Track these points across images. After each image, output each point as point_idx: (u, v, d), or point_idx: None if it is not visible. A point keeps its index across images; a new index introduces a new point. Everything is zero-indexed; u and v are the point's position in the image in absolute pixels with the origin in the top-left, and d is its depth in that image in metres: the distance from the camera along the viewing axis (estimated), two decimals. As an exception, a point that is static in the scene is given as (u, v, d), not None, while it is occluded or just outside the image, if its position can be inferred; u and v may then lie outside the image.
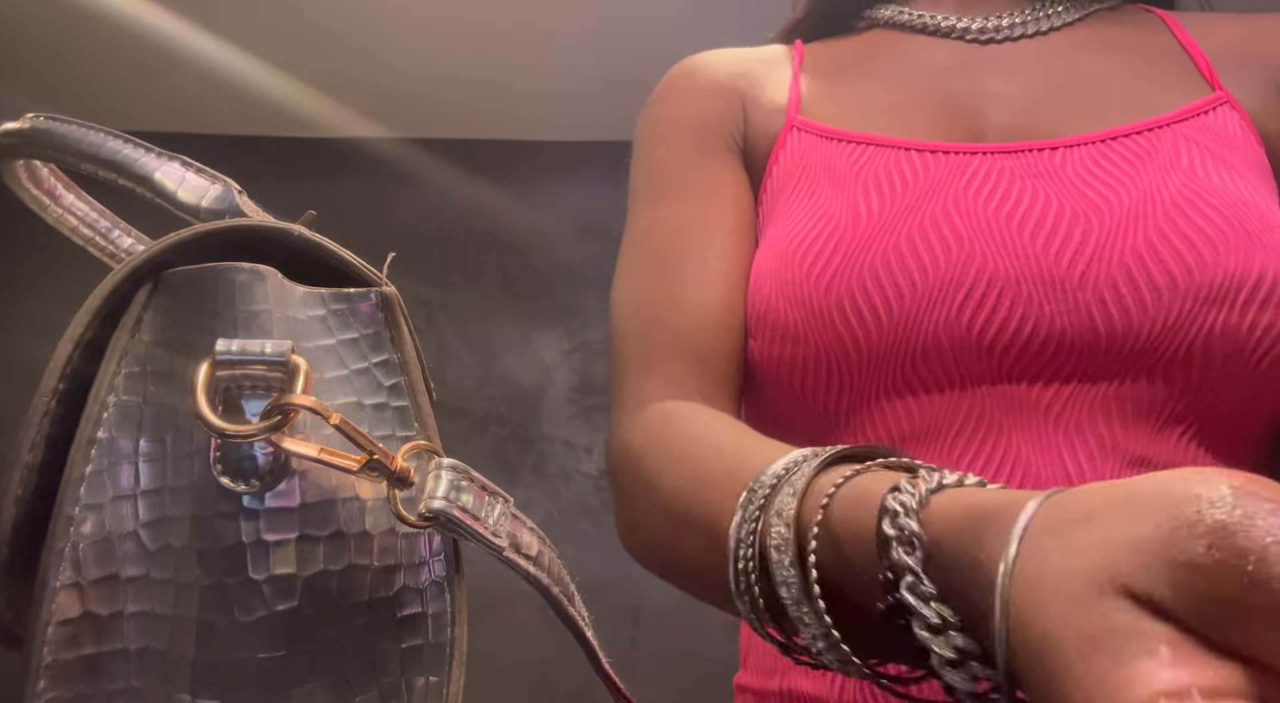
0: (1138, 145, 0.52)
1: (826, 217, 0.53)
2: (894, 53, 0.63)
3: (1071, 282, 0.47)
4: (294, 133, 2.08)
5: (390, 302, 0.39)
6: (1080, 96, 0.56)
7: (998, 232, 0.49)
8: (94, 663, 0.34)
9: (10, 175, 0.43)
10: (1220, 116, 0.53)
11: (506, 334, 2.03)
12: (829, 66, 0.65)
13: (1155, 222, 0.47)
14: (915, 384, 0.49)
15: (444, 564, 0.38)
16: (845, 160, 0.56)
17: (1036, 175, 0.51)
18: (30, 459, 0.35)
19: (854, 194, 0.53)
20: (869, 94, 0.61)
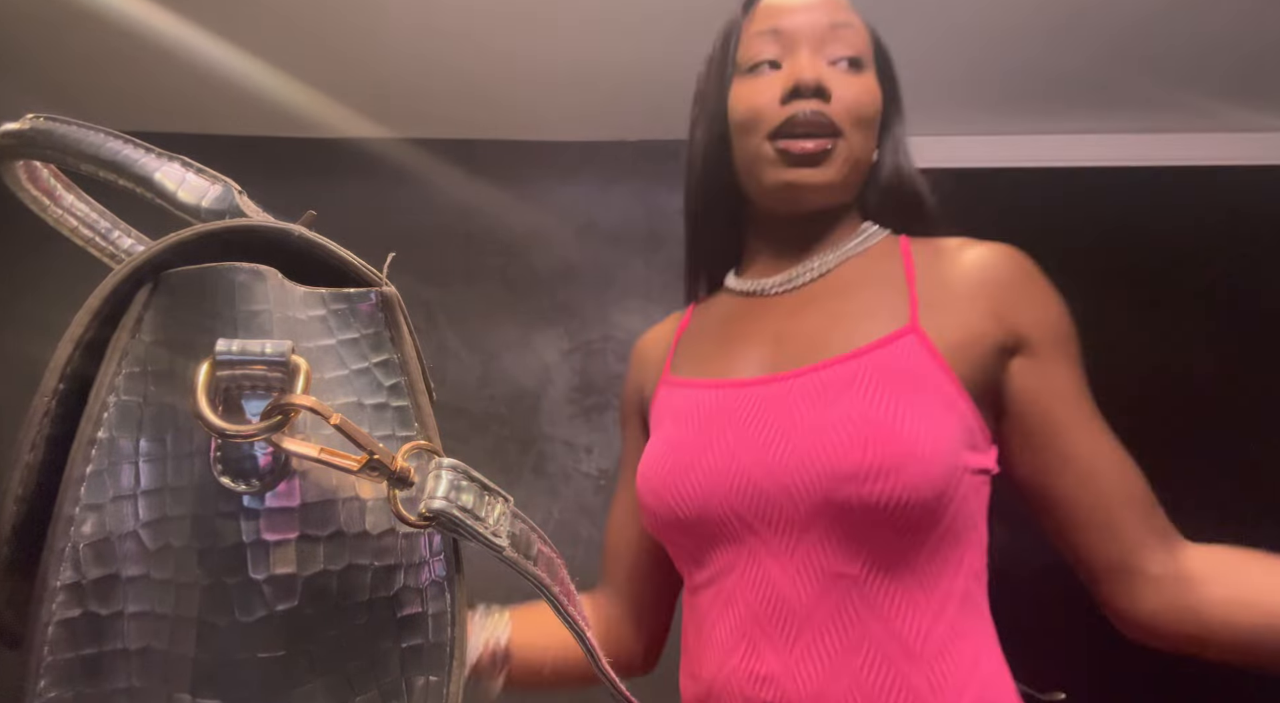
0: (832, 374, 0.72)
1: (660, 441, 0.80)
2: (722, 312, 0.87)
3: (776, 475, 0.71)
4: (294, 133, 2.08)
5: (390, 302, 0.39)
6: (814, 335, 0.76)
7: (743, 449, 0.73)
8: (94, 663, 0.34)
9: (10, 176, 0.43)
10: (903, 346, 0.72)
11: (506, 334, 2.03)
12: (695, 327, 0.89)
13: (829, 432, 0.69)
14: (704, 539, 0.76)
15: (444, 564, 0.38)
16: (678, 401, 0.82)
17: (772, 400, 0.74)
18: (31, 459, 0.35)
19: (676, 424, 0.80)
20: (703, 347, 0.85)
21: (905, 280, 0.77)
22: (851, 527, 0.68)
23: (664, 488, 0.76)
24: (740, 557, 0.73)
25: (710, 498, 0.74)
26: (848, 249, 0.82)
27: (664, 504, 0.76)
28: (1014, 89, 2.01)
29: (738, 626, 0.72)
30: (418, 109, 2.03)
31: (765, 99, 0.79)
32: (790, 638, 0.69)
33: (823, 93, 0.77)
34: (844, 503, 0.68)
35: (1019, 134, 2.18)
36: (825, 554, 0.69)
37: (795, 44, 0.80)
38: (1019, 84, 1.99)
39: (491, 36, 1.79)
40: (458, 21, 1.74)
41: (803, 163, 0.77)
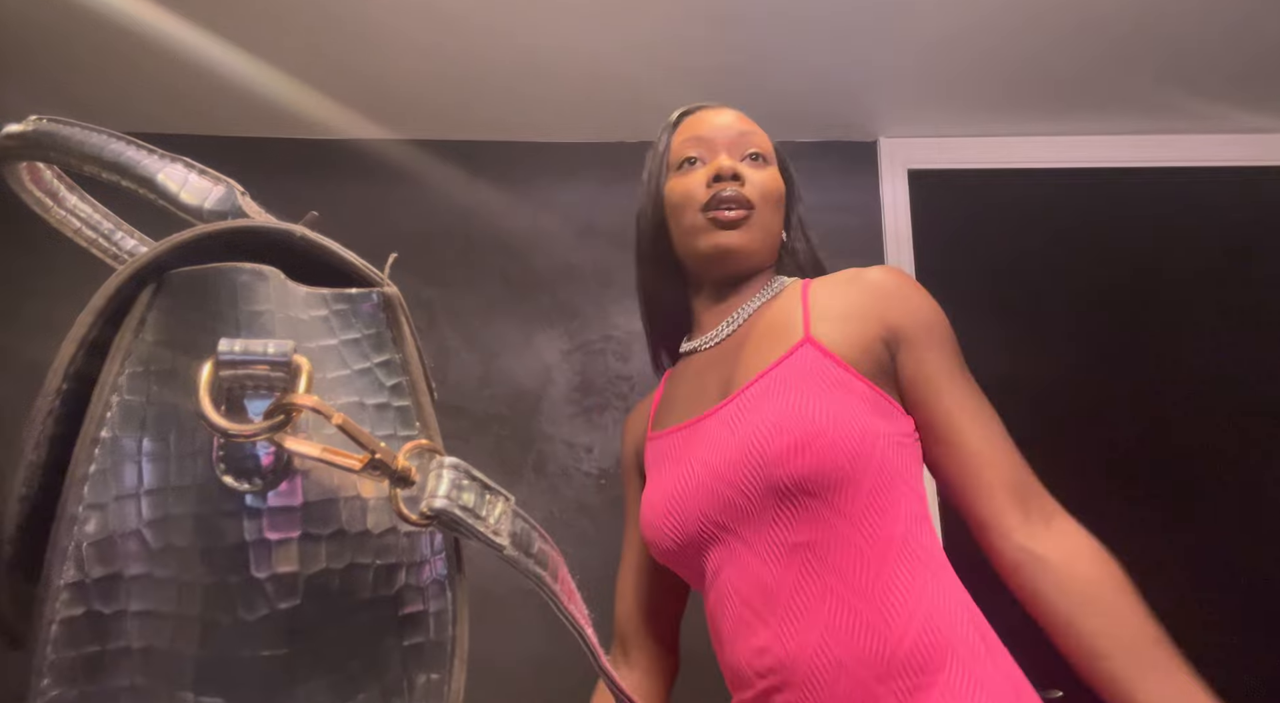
0: (751, 393, 0.90)
1: (651, 486, 0.98)
2: (683, 372, 1.05)
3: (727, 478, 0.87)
4: (296, 134, 2.08)
5: (392, 302, 0.40)
6: (737, 369, 0.95)
7: (700, 469, 0.91)
8: (97, 661, 0.34)
9: (13, 177, 0.44)
10: (800, 355, 0.90)
11: (507, 334, 2.03)
12: (668, 390, 1.08)
13: (752, 432, 0.86)
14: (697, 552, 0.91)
15: (445, 563, 0.38)
16: (659, 450, 1.01)
17: (712, 427, 0.93)
18: (34, 458, 0.35)
19: (659, 468, 0.98)
20: (673, 403, 1.04)
21: (802, 308, 0.95)
22: (793, 501, 0.84)
23: (659, 520, 0.93)
24: (725, 556, 0.89)
25: (689, 516, 0.90)
26: (761, 298, 1.01)
27: (662, 535, 0.93)
28: (1014, 90, 2.01)
29: (735, 612, 0.87)
30: (419, 110, 2.03)
31: (695, 184, 1.00)
32: (772, 609, 0.84)
33: (739, 177, 0.98)
34: (780, 483, 0.84)
35: (1019, 135, 2.18)
36: (781, 530, 0.85)
37: (714, 146, 1.02)
38: (1019, 85, 1.99)
39: (492, 38, 1.79)
40: (459, 23, 1.74)
41: (727, 227, 0.97)
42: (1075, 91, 2.01)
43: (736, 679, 0.88)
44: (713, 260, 0.99)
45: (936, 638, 0.79)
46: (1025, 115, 2.11)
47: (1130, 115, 2.11)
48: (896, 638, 0.79)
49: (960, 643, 0.80)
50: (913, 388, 0.90)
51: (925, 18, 1.77)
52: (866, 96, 2.03)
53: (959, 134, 2.16)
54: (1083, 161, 2.17)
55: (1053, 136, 2.17)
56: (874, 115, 2.09)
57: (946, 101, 2.05)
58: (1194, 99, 2.04)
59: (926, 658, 0.79)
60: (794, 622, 0.82)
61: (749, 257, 0.99)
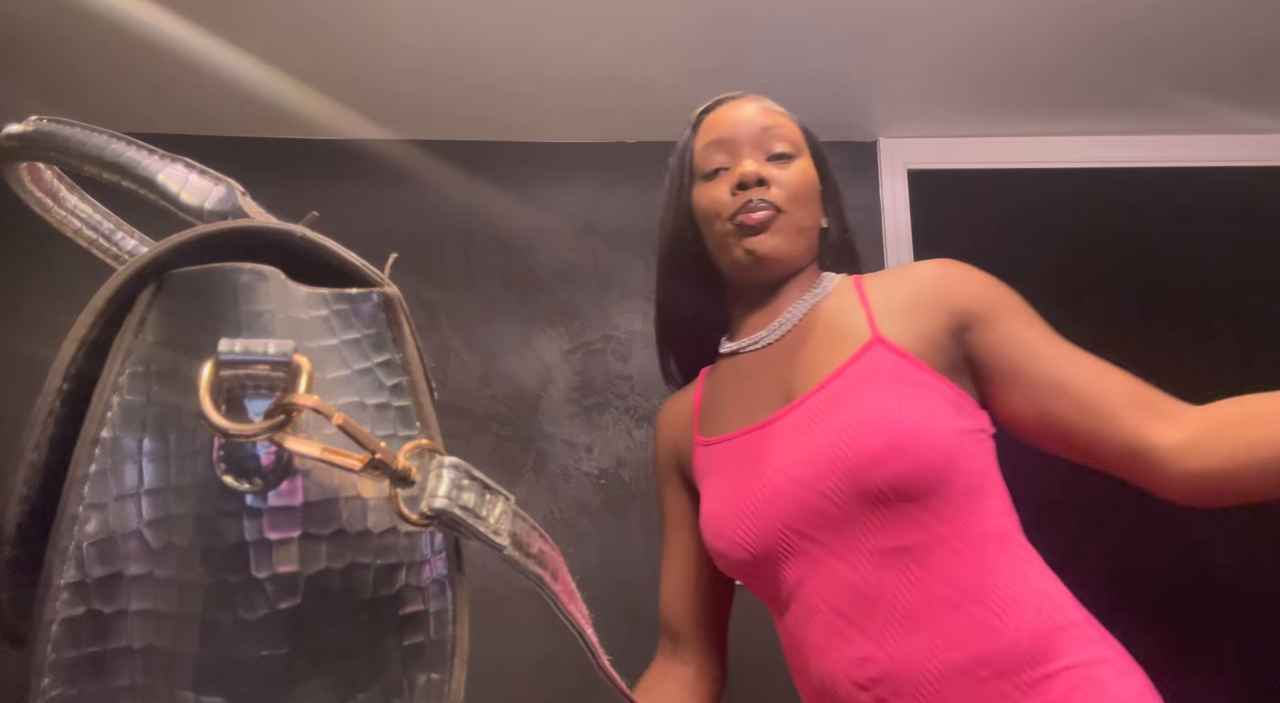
0: (824, 394, 0.88)
1: (713, 495, 0.94)
2: (728, 374, 1.02)
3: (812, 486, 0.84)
4: (297, 135, 2.08)
5: (392, 302, 0.40)
6: (802, 371, 0.92)
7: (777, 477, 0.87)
8: (98, 661, 0.34)
9: (13, 178, 0.44)
10: (872, 356, 0.87)
11: (507, 334, 2.03)
12: (709, 392, 1.04)
13: (837, 437, 0.84)
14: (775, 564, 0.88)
15: (445, 562, 0.38)
16: (715, 457, 0.97)
17: (784, 432, 0.89)
18: (35, 458, 0.35)
19: (720, 476, 0.95)
20: (722, 407, 1.00)
21: (862, 307, 0.93)
22: (886, 506, 0.82)
23: (731, 531, 0.90)
24: (808, 566, 0.86)
25: (768, 526, 0.87)
26: (811, 297, 0.98)
27: (734, 546, 0.90)
28: (1014, 90, 2.01)
29: (826, 624, 0.84)
30: (419, 111, 2.03)
31: (720, 193, 0.98)
32: (870, 618, 0.81)
33: (764, 182, 0.95)
34: (872, 488, 0.81)
35: (1019, 135, 2.18)
36: (874, 536, 0.82)
37: (737, 147, 0.99)
38: (1019, 85, 1.99)
39: (493, 39, 1.79)
40: (459, 23, 1.74)
41: (755, 231, 0.95)
42: (1075, 92, 2.01)
43: (830, 694, 0.84)
44: (747, 267, 0.97)
45: (1051, 625, 0.79)
46: (1025, 116, 2.11)
47: (1130, 116, 2.11)
48: (1013, 633, 0.78)
49: (1071, 626, 0.80)
50: (1003, 360, 0.87)
51: (925, 18, 1.77)
52: (866, 97, 2.03)
53: (959, 134, 2.16)
54: (1082, 162, 2.17)
55: (1052, 137, 2.17)
56: (874, 115, 2.09)
57: (946, 102, 2.05)
58: (1194, 99, 2.04)
59: (1046, 647, 0.78)
60: (898, 629, 0.80)
61: (782, 259, 0.96)
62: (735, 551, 0.90)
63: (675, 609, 1.06)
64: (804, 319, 0.97)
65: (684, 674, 1.04)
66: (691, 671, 1.04)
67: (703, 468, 0.99)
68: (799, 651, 0.88)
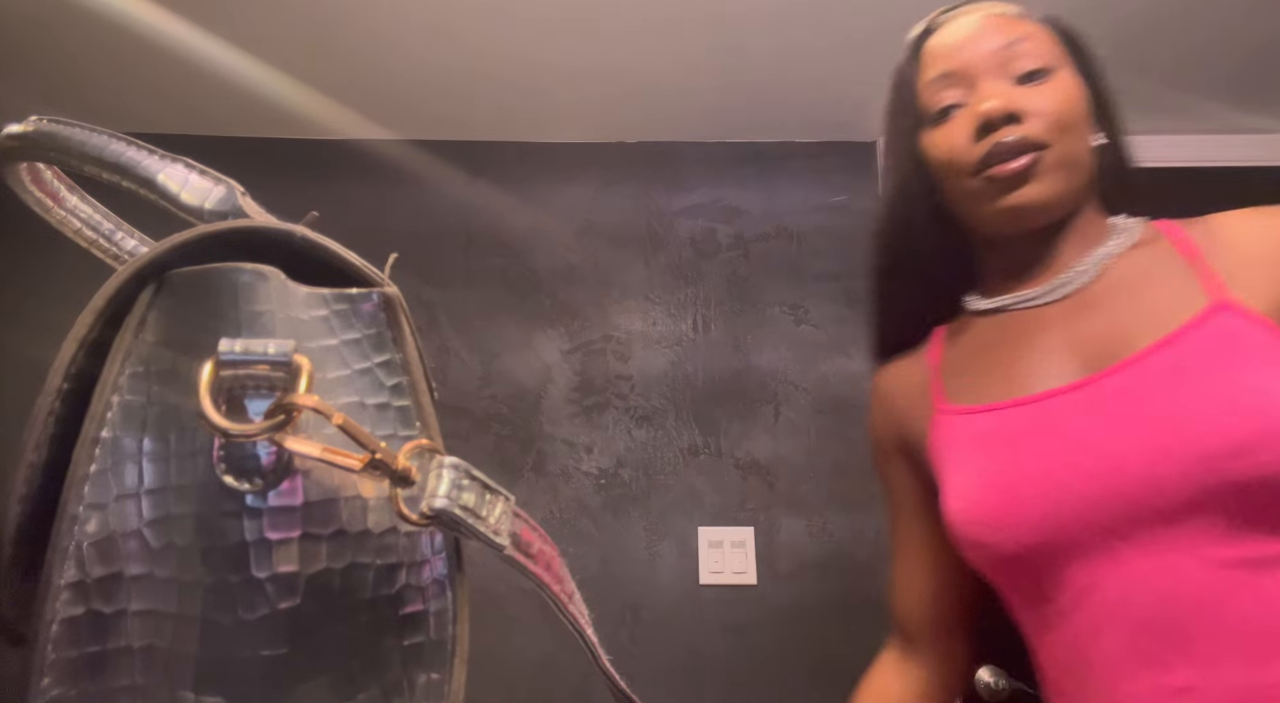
0: (1154, 363, 0.71)
1: (972, 473, 0.76)
2: (983, 334, 0.84)
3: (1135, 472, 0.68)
4: (296, 135, 2.08)
5: (392, 302, 0.40)
6: (1113, 334, 0.75)
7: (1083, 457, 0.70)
8: (98, 661, 0.34)
9: (13, 178, 0.44)
10: (1220, 322, 0.70)
11: (507, 334, 2.03)
12: (954, 354, 0.86)
13: (1188, 415, 0.67)
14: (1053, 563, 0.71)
15: (445, 562, 0.38)
16: (969, 429, 0.79)
17: (1096, 403, 0.72)
18: (35, 458, 0.35)
19: (982, 452, 0.76)
20: (978, 371, 0.82)
21: (1188, 262, 0.76)
22: (1242, 507, 0.65)
23: (997, 519, 0.73)
24: (1104, 570, 0.69)
25: (1056, 515, 0.70)
26: (1112, 247, 0.80)
27: (1004, 536, 0.72)
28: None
29: (1128, 643, 0.68)
30: (419, 111, 2.03)
31: (958, 141, 0.78)
32: (1194, 641, 0.65)
33: (1014, 118, 0.75)
34: (1229, 483, 0.64)
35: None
36: (1213, 541, 0.66)
37: (973, 79, 0.79)
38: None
39: (492, 39, 1.79)
40: (459, 24, 1.74)
41: (1013, 185, 0.76)
42: (1075, 91, 2.01)
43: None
44: (1007, 224, 0.79)
45: None
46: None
47: (1130, 115, 2.11)
48: None
49: None
50: None
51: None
52: (867, 97, 2.02)
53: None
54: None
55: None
56: (874, 115, 2.08)
57: (946, 102, 2.05)
58: (1192, 99, 2.04)
59: None
60: (1238, 657, 0.64)
61: (1054, 206, 0.78)
62: (1003, 542, 0.72)
63: (907, 607, 0.92)
64: (1102, 273, 0.79)
65: (917, 678, 0.90)
66: (925, 673, 0.90)
67: (948, 442, 0.81)
68: (1079, 672, 0.71)
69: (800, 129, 2.11)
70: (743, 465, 1.90)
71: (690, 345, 2.00)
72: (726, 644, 1.78)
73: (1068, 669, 0.73)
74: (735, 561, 1.83)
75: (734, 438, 1.92)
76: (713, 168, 2.12)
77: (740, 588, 1.82)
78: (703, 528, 1.86)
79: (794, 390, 1.95)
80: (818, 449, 1.90)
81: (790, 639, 1.77)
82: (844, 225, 2.07)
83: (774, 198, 2.09)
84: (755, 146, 2.13)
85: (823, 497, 1.87)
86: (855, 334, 1.97)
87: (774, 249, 2.06)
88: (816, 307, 2.00)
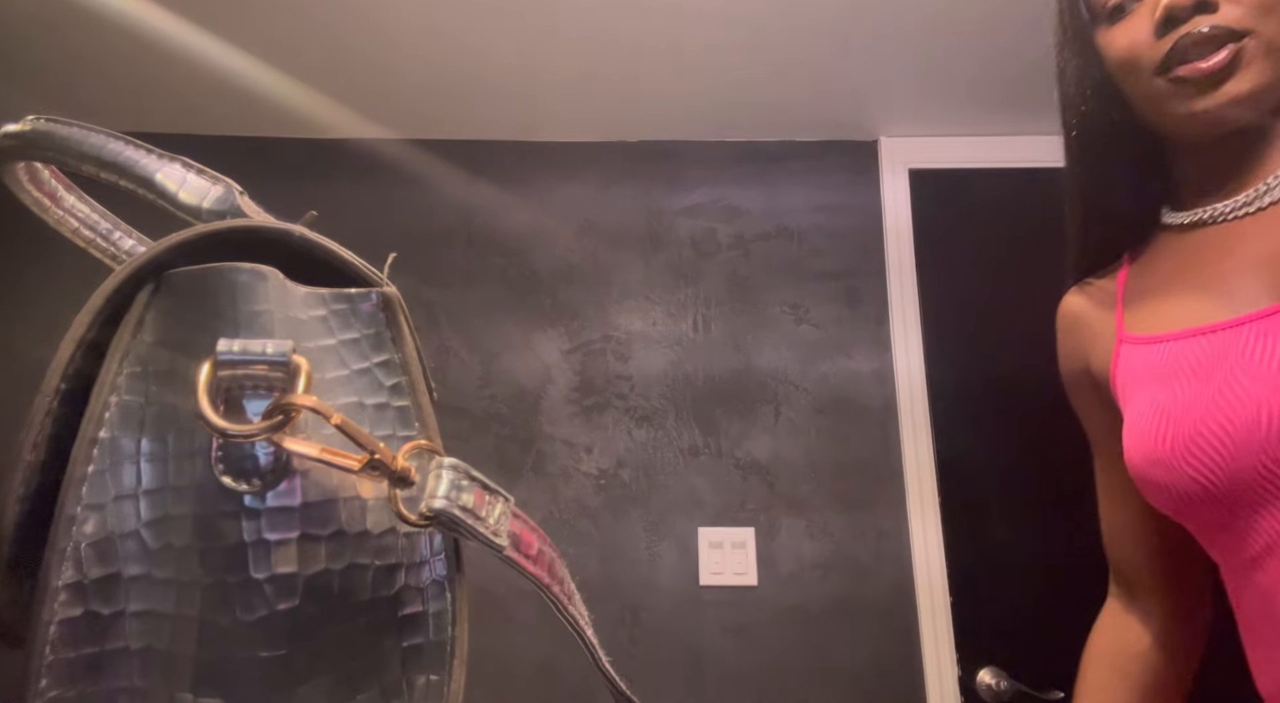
0: None
1: (1151, 406, 0.70)
2: (1171, 254, 0.76)
3: None
4: (295, 134, 2.08)
5: (391, 302, 0.40)
6: None
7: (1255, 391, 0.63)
8: (96, 662, 0.34)
9: (11, 177, 0.44)
10: None
11: (507, 334, 2.03)
12: (1140, 278, 0.79)
13: None
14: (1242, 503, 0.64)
15: (445, 563, 0.38)
16: (1151, 360, 0.72)
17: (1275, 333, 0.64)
18: (32, 459, 0.35)
19: (1164, 383, 0.70)
20: (1163, 295, 0.75)
21: None
22: None
23: (1178, 458, 0.66)
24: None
25: (1236, 458, 0.63)
26: None
27: (1184, 478, 0.66)
28: (1015, 89, 2.01)
29: None
30: (418, 110, 2.03)
31: (1138, 39, 0.70)
32: None
33: (1205, 6, 0.66)
34: None
35: (1020, 134, 2.17)
36: None
37: None
38: (1021, 84, 1.99)
39: (492, 38, 1.79)
40: (458, 23, 1.74)
41: (1210, 85, 0.67)
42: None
43: None
44: (1202, 128, 0.70)
45: None
46: (1026, 115, 2.11)
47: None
48: None
49: None
50: None
51: (927, 17, 1.77)
52: (867, 96, 2.03)
53: (960, 133, 2.16)
54: (1083, 161, 2.17)
55: (1054, 136, 2.17)
56: (875, 115, 2.09)
57: (947, 101, 2.05)
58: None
59: None
60: None
61: (1261, 100, 0.67)
62: (1184, 483, 0.66)
63: (1123, 551, 0.84)
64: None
65: (1145, 630, 0.82)
66: (1156, 625, 0.81)
67: (1129, 374, 0.74)
68: (1271, 615, 0.66)
69: (801, 128, 2.10)
70: (743, 466, 1.90)
71: (690, 345, 1.99)
72: (727, 646, 1.78)
73: (1265, 614, 0.66)
74: (736, 562, 1.83)
75: (734, 438, 1.92)
76: (713, 167, 2.12)
77: (741, 589, 1.81)
78: (703, 529, 1.86)
79: (794, 390, 1.95)
80: (818, 449, 1.90)
81: (791, 641, 1.77)
82: (845, 225, 2.07)
83: (774, 197, 2.09)
84: (756, 146, 2.13)
85: (824, 497, 1.87)
86: (856, 334, 1.97)
87: (774, 249, 2.06)
88: (817, 306, 2.00)
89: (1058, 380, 0.90)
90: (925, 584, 1.77)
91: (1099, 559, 0.87)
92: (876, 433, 1.91)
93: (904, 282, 1.99)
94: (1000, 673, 1.64)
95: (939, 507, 1.82)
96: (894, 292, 1.98)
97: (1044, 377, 2.23)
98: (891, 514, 1.84)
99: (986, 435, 1.90)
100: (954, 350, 1.96)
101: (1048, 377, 2.12)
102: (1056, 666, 1.71)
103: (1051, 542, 1.77)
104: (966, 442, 1.89)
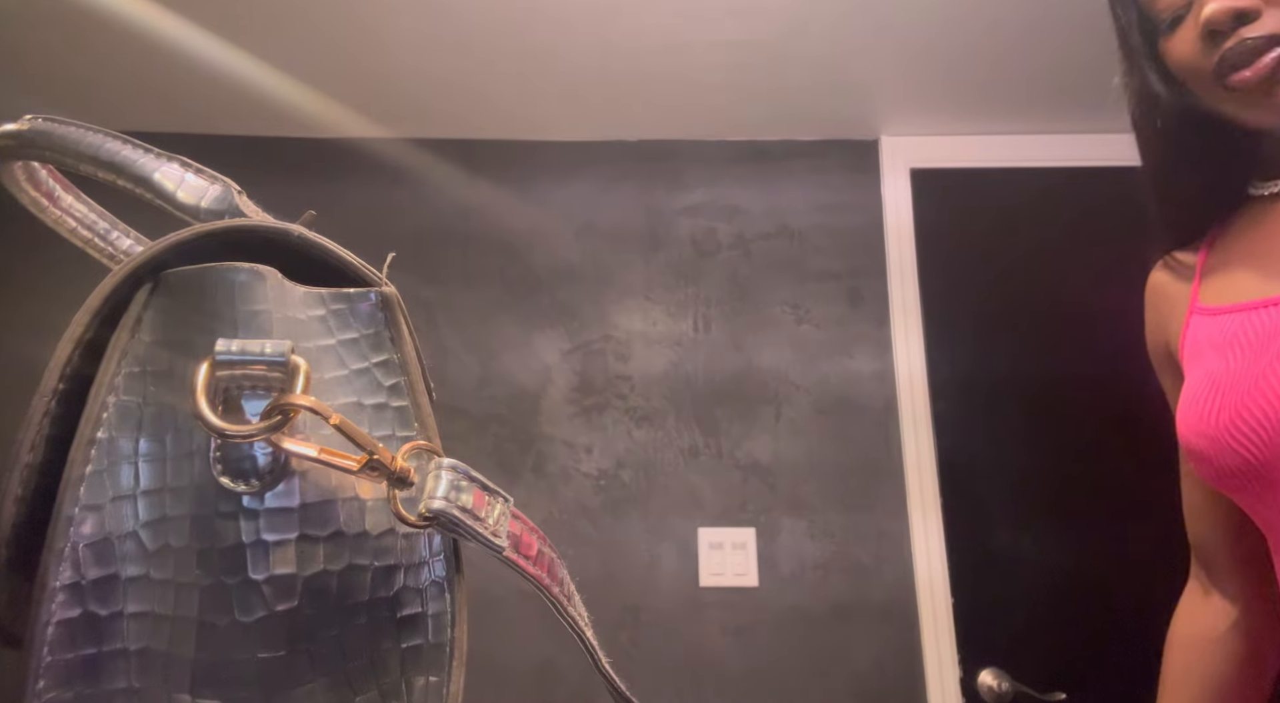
0: None
1: (1201, 376, 0.71)
2: (1251, 226, 0.77)
3: None
4: (294, 133, 2.07)
5: (390, 302, 0.39)
6: None
7: None
8: (94, 663, 0.34)
9: (8, 177, 0.43)
10: None
11: (506, 334, 2.03)
12: (1220, 249, 0.79)
13: None
14: None
15: (444, 564, 0.38)
16: (1215, 331, 0.72)
17: None
18: (30, 460, 0.35)
19: (1219, 354, 0.70)
20: (1238, 267, 0.75)
21: None
22: None
23: (1218, 432, 0.66)
24: None
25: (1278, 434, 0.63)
26: None
27: (1222, 447, 0.66)
28: (1017, 88, 2.01)
29: None
30: (417, 109, 2.03)
31: (1189, 52, 0.70)
32: None
33: (1244, 17, 0.65)
34: None
35: (1022, 133, 2.17)
36: None
37: None
38: (1022, 83, 1.99)
39: (491, 37, 1.79)
40: (458, 22, 1.74)
41: (1261, 93, 0.67)
42: (1078, 90, 2.01)
43: None
44: (1271, 119, 0.70)
45: None
46: (1028, 114, 2.11)
47: (1131, 115, 2.10)
48: None
49: None
50: None
51: (928, 16, 1.77)
52: (868, 95, 2.03)
53: (961, 133, 2.16)
54: (1086, 160, 2.17)
55: (1056, 135, 2.17)
56: (876, 113, 2.09)
57: (949, 100, 2.05)
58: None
59: None
60: None
61: None
62: (1225, 455, 0.66)
63: (1202, 531, 0.84)
64: None
65: (1226, 612, 0.82)
66: (1237, 607, 0.81)
67: (1194, 345, 0.74)
68: None
69: (802, 126, 2.10)
70: (743, 466, 1.90)
71: (690, 345, 1.99)
72: (727, 647, 1.77)
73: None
74: (736, 562, 1.83)
75: (734, 438, 1.92)
76: (713, 166, 2.12)
77: (741, 590, 1.81)
78: (703, 529, 1.86)
79: (795, 390, 1.95)
80: (819, 450, 1.90)
81: (792, 642, 1.77)
82: (846, 224, 2.07)
83: (775, 196, 2.09)
84: (756, 145, 2.13)
85: (824, 498, 1.87)
86: (857, 334, 1.97)
87: (775, 248, 2.05)
88: (817, 306, 2.00)
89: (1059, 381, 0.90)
90: (926, 585, 1.77)
91: (1100, 560, 0.87)
92: (877, 433, 1.91)
93: (905, 281, 1.99)
94: (1001, 674, 1.64)
95: (940, 507, 1.82)
96: (895, 291, 1.98)
97: (1045, 377, 2.24)
98: (892, 515, 1.84)
99: (988, 436, 1.90)
100: (955, 351, 1.96)
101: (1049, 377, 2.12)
102: (1058, 667, 1.71)
103: (1053, 542, 1.77)
104: (968, 442, 1.89)
